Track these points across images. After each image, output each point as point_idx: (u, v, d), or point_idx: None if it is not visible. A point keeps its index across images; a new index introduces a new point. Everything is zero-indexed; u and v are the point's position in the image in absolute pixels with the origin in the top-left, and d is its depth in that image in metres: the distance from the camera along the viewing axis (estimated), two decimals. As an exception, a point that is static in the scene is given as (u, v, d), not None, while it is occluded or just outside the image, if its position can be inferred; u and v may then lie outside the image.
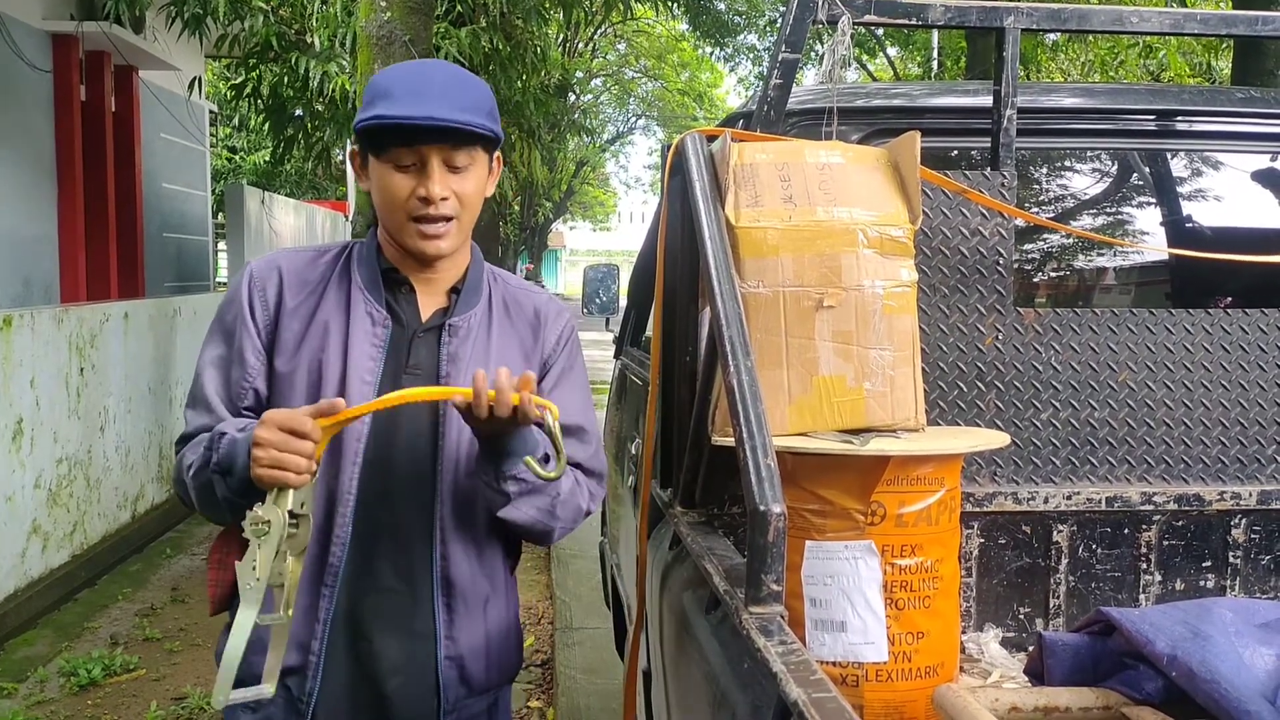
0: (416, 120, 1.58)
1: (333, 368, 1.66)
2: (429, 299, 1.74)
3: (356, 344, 1.67)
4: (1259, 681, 1.39)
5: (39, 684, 4.32)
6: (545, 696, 4.32)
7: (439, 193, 1.62)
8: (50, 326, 5.31)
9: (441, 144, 1.61)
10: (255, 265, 1.74)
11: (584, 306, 4.83)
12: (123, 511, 6.22)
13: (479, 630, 1.72)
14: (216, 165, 16.69)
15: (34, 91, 7.13)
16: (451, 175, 1.64)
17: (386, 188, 1.64)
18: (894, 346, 1.69)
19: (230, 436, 1.56)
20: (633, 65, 27.58)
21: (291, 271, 1.72)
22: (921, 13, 1.92)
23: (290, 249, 1.79)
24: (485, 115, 1.65)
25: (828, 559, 1.58)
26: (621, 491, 3.28)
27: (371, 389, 1.65)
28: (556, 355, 1.80)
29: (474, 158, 1.66)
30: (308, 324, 1.69)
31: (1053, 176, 2.53)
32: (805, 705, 1.06)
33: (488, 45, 7.52)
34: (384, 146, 1.62)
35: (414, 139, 1.60)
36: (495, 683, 1.79)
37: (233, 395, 1.68)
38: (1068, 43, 13.40)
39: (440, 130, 1.60)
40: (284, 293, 1.70)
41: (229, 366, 1.69)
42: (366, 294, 1.70)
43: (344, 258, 1.75)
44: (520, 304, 1.80)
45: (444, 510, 1.68)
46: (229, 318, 1.71)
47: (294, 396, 1.66)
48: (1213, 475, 2.03)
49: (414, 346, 1.70)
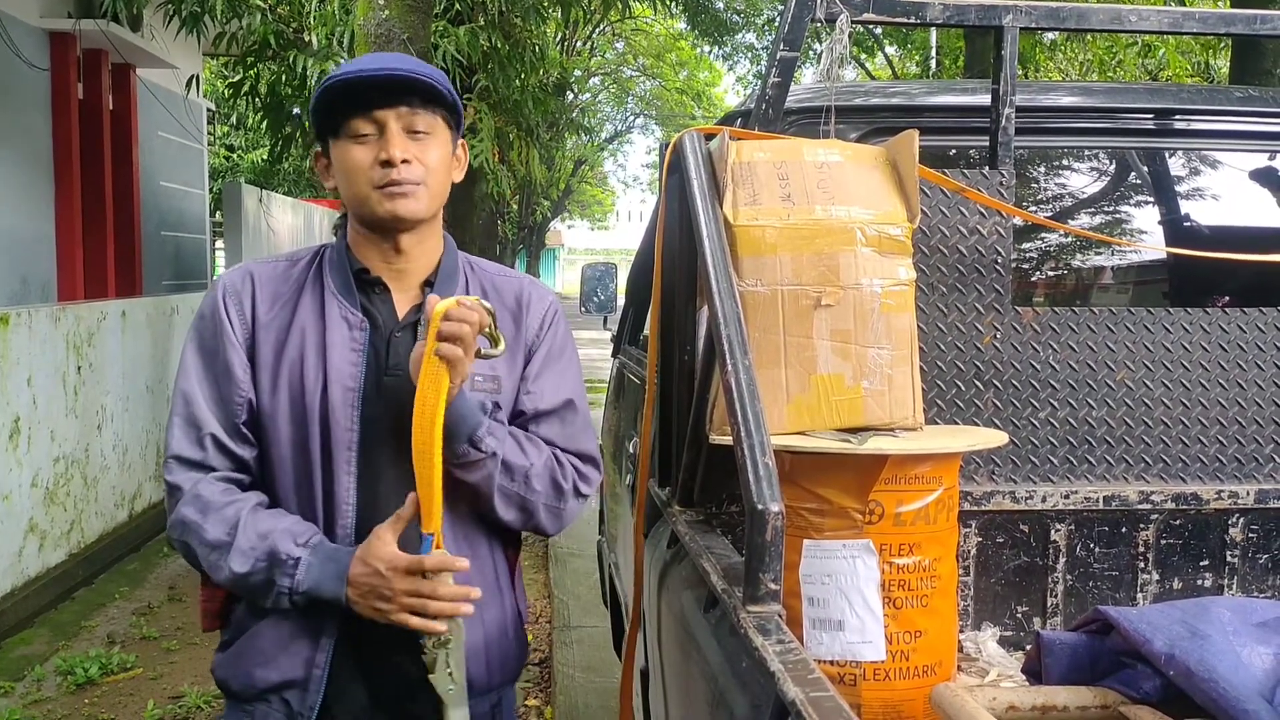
0: (369, 71, 1.59)
1: (313, 376, 1.64)
2: (403, 296, 1.71)
3: (335, 349, 1.64)
4: (1256, 680, 1.39)
5: (36, 683, 4.32)
6: (543, 695, 4.32)
7: (399, 154, 1.59)
8: (47, 325, 5.31)
9: (397, 105, 1.60)
10: (227, 278, 1.71)
11: (582, 305, 4.83)
12: (120, 510, 6.21)
13: (477, 632, 1.69)
14: (214, 163, 16.68)
15: (31, 89, 7.12)
16: (412, 142, 1.62)
17: (347, 161, 1.62)
18: (892, 345, 1.69)
19: (306, 562, 1.57)
20: (631, 64, 27.57)
21: (263, 283, 1.69)
22: (920, 11, 1.91)
23: (261, 259, 1.76)
24: (438, 78, 1.63)
25: (826, 558, 1.58)
26: (620, 490, 3.28)
27: (355, 394, 1.63)
28: (540, 339, 1.76)
29: (434, 126, 1.64)
30: (285, 335, 1.66)
31: (1051, 175, 2.53)
32: (803, 704, 1.06)
33: (486, 44, 7.50)
34: (340, 122, 1.61)
35: (370, 103, 1.59)
36: (497, 683, 1.77)
37: (230, 412, 1.65)
38: (1066, 41, 13.40)
39: (394, 85, 1.59)
40: (257, 305, 1.68)
41: (217, 383, 1.66)
42: (340, 298, 1.67)
43: (315, 264, 1.72)
44: (500, 291, 1.77)
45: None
46: (207, 334, 1.68)
47: (277, 409, 1.64)
48: (1210, 474, 2.03)
49: (392, 346, 1.67)
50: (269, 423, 1.65)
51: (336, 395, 1.62)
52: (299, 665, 1.62)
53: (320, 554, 1.57)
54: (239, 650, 1.68)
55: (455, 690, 1.56)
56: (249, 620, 1.67)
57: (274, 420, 1.64)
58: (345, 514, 1.64)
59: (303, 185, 18.77)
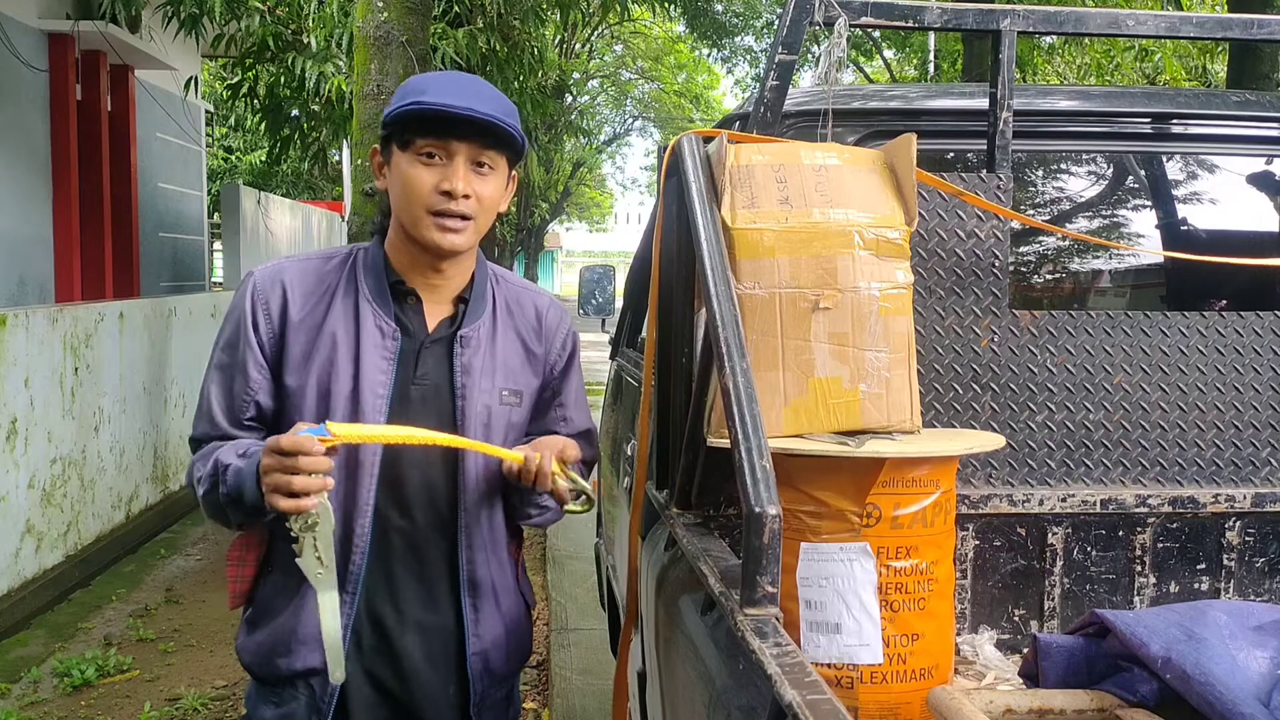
0: (456, 109, 1.61)
1: (343, 381, 1.68)
2: (435, 309, 1.76)
3: (367, 357, 1.68)
4: (1253, 684, 1.39)
5: (32, 684, 4.31)
6: (541, 698, 4.32)
7: (462, 188, 1.64)
8: (45, 326, 5.30)
9: (471, 140, 1.64)
10: (259, 276, 1.74)
11: (580, 307, 4.83)
12: (117, 512, 6.21)
13: (498, 624, 1.80)
14: (212, 165, 16.67)
15: (29, 91, 7.12)
16: (475, 175, 1.66)
17: (409, 179, 1.65)
18: (890, 348, 1.69)
19: (235, 467, 1.60)
20: (629, 67, 27.59)
21: (296, 282, 1.72)
22: (918, 15, 1.92)
23: (294, 257, 1.80)
24: (516, 123, 1.69)
25: (823, 561, 1.58)
26: (617, 493, 3.27)
27: (384, 401, 1.68)
28: (566, 361, 1.88)
29: (497, 163, 1.69)
30: (316, 336, 1.70)
31: (1048, 179, 2.53)
32: (800, 707, 1.06)
33: (485, 46, 7.51)
34: (412, 139, 1.64)
35: (446, 131, 1.63)
36: (514, 669, 1.87)
37: (235, 408, 1.70)
38: (1064, 45, 13.42)
39: (474, 124, 1.63)
40: (289, 305, 1.71)
41: (231, 379, 1.71)
42: (375, 306, 1.71)
43: (349, 265, 1.75)
44: (521, 304, 1.84)
45: (466, 518, 1.74)
46: (231, 330, 1.73)
47: (304, 410, 1.68)
48: (1207, 478, 2.03)
49: (421, 357, 1.72)
50: (295, 419, 1.67)
51: (366, 401, 1.67)
52: (319, 654, 1.66)
53: (250, 460, 1.59)
54: (262, 639, 1.74)
55: (324, 574, 1.56)
56: (273, 600, 1.74)
57: (301, 417, 1.67)
58: (364, 514, 1.69)
59: (301, 187, 18.77)
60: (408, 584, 1.73)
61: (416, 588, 1.73)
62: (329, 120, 7.62)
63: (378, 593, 1.72)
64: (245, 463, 1.59)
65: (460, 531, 1.73)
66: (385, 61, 4.54)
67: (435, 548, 1.73)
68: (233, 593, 1.79)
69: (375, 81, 4.55)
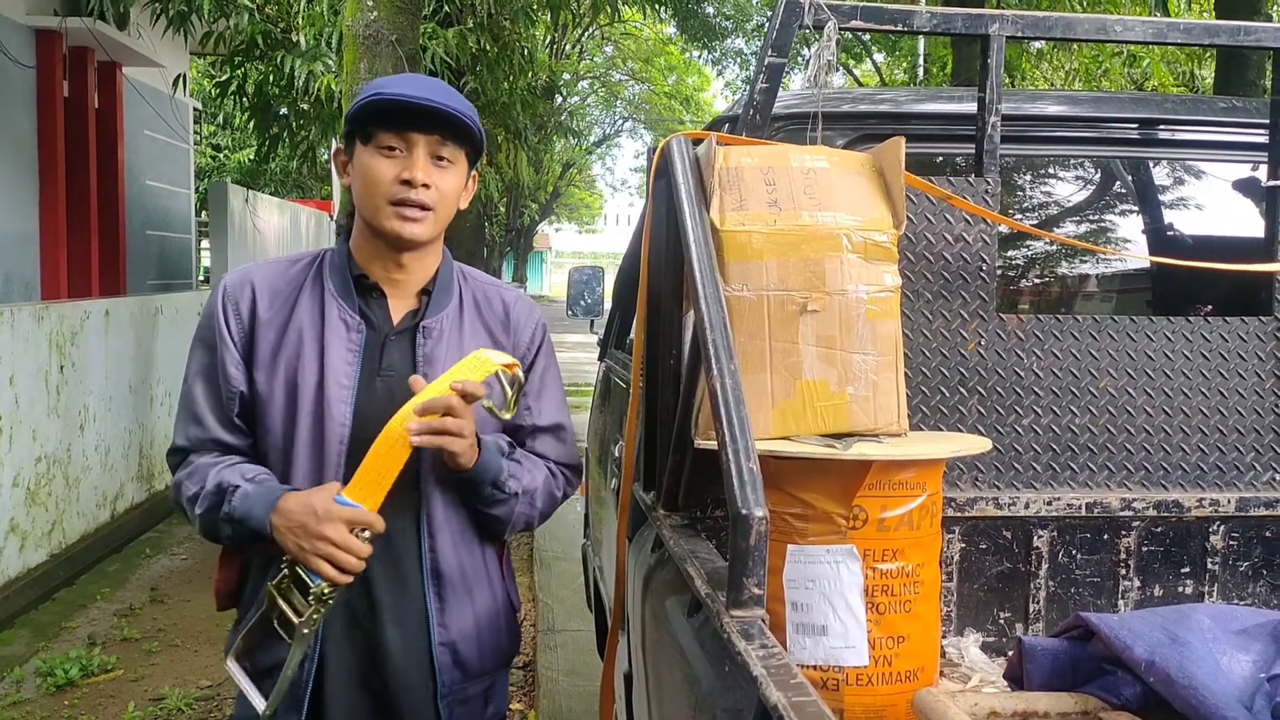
0: (414, 98, 1.66)
1: (309, 374, 1.73)
2: (399, 302, 1.80)
3: (332, 349, 1.73)
4: (1236, 688, 1.40)
5: (15, 684, 4.29)
6: (527, 699, 4.31)
7: (421, 177, 1.69)
8: (30, 323, 5.27)
9: (430, 133, 1.69)
10: (228, 281, 1.81)
11: (569, 308, 4.83)
12: (102, 511, 6.17)
13: (469, 617, 1.80)
14: (200, 163, 16.61)
15: (16, 87, 7.07)
16: (434, 167, 1.71)
17: (370, 170, 1.70)
18: (877, 351, 1.69)
19: (243, 490, 1.66)
20: (620, 68, 27.60)
21: (264, 284, 1.78)
22: (907, 19, 1.92)
23: (262, 263, 1.87)
24: (475, 118, 1.74)
25: (809, 563, 1.58)
26: (605, 494, 3.27)
27: (349, 392, 1.72)
28: (535, 355, 1.89)
29: (457, 157, 1.75)
30: (282, 333, 1.75)
31: (1036, 183, 2.54)
32: (785, 709, 1.06)
33: (475, 46, 7.51)
34: (373, 133, 1.70)
35: (406, 124, 1.68)
36: (490, 666, 1.86)
37: (223, 406, 1.75)
38: (1052, 51, 13.47)
39: (433, 116, 1.68)
40: (257, 305, 1.76)
41: (215, 378, 1.76)
42: (340, 300, 1.76)
43: (316, 266, 1.81)
44: (489, 299, 1.88)
45: (429, 509, 1.76)
46: (208, 334, 1.78)
47: (273, 404, 1.74)
48: (1192, 482, 2.04)
49: (386, 349, 1.76)
50: (263, 414, 1.74)
51: (331, 392, 1.71)
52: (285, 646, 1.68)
53: (261, 488, 1.67)
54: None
55: (308, 634, 1.66)
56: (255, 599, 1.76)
57: (268, 411, 1.74)
58: None
59: (289, 185, 18.71)
60: (378, 574, 1.73)
61: (386, 578, 1.75)
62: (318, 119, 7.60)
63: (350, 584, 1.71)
64: (255, 489, 1.66)
65: (423, 522, 1.75)
66: (375, 60, 4.53)
67: (402, 535, 1.74)
68: (218, 593, 1.84)
69: (365, 80, 4.54)
